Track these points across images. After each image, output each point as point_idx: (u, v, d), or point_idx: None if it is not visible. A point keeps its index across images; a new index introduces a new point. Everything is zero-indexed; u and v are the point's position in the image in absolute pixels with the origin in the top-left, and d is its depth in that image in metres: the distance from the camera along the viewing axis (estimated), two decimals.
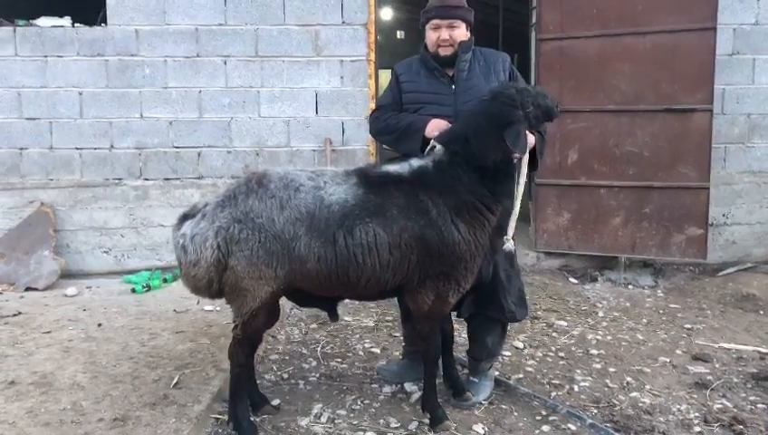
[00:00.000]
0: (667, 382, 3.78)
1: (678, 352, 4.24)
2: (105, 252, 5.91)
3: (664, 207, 5.64)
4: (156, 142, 5.83)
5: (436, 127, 3.32)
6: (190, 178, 5.87)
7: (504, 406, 3.52)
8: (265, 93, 5.82)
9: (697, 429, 3.25)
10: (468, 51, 3.45)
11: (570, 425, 3.30)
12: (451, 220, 3.07)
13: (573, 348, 4.31)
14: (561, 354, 4.21)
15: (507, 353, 4.18)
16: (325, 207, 3.03)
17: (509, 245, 3.25)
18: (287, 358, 4.18)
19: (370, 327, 4.73)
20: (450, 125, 3.30)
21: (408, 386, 3.74)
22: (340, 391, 3.71)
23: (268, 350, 4.30)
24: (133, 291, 5.39)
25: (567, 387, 3.74)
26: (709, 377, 3.84)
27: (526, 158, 3.18)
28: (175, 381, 3.63)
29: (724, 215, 6.11)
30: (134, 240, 5.92)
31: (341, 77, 5.84)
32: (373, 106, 5.84)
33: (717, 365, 4.02)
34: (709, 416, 3.35)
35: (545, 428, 3.28)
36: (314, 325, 4.76)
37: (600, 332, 4.60)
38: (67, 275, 5.70)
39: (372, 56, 5.85)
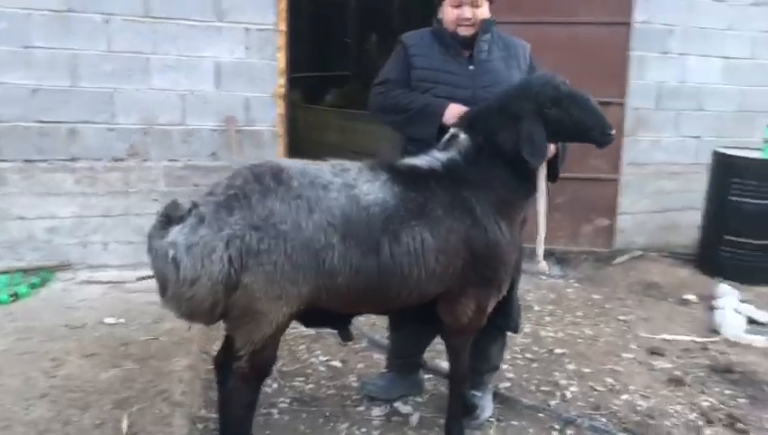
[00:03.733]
0: (645, 381, 3.76)
1: (633, 346, 4.26)
2: None
3: (575, 198, 5.71)
4: (15, 115, 4.68)
5: (456, 113, 2.92)
6: (60, 159, 4.81)
7: (514, 422, 3.24)
8: (157, 61, 4.91)
9: (708, 432, 3.24)
10: (488, 31, 3.07)
11: None
12: (495, 220, 2.72)
13: (535, 348, 4.15)
14: (529, 356, 4.03)
15: None
16: (363, 208, 2.52)
17: (542, 265, 3.00)
18: None
19: (312, 336, 4.18)
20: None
21: (401, 406, 3.32)
22: (326, 419, 3.20)
23: (211, 371, 3.60)
24: None
25: (558, 393, 3.56)
26: (676, 372, 3.88)
27: (543, 169, 2.86)
28: (126, 426, 2.86)
29: None
30: None
31: (246, 47, 5.11)
32: (282, 82, 5.25)
33: (675, 358, 4.09)
34: (708, 416, 3.36)
35: None
36: None
37: (548, 328, 4.49)
38: None
39: (283, 26, 5.19)
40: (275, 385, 3.50)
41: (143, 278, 4.80)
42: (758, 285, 5.64)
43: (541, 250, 2.97)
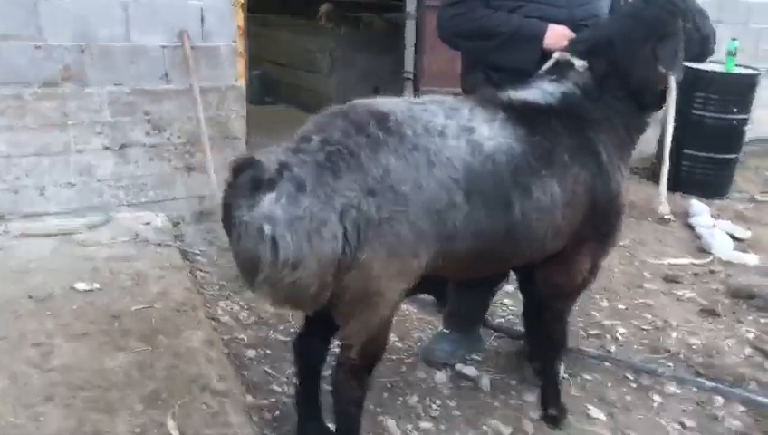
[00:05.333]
0: (681, 314, 3.65)
1: (647, 275, 4.14)
2: None
3: None
4: None
5: (561, 36, 2.47)
6: None
7: (587, 376, 3.02)
8: None
9: None
10: None
11: (671, 387, 2.95)
12: (618, 165, 2.37)
13: None
14: None
15: (508, 303, 3.60)
16: (487, 157, 2.07)
17: (665, 207, 2.70)
18: (269, 352, 3.04)
19: None
20: (574, 34, 2.49)
21: (463, 368, 2.98)
22: (391, 392, 2.83)
23: (231, 343, 3.08)
24: None
25: (609, 336, 3.37)
26: (704, 301, 3.81)
27: (673, 86, 2.53)
28: (176, 433, 2.33)
29: None
30: None
31: None
32: None
33: (692, 286, 4.02)
34: (762, 349, 3.30)
35: (656, 398, 2.89)
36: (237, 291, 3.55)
37: None
38: None
39: None
40: None
41: (95, 226, 4.07)
42: (715, 198, 5.74)
43: (664, 190, 2.66)
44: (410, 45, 5.52)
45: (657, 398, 2.88)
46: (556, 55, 2.43)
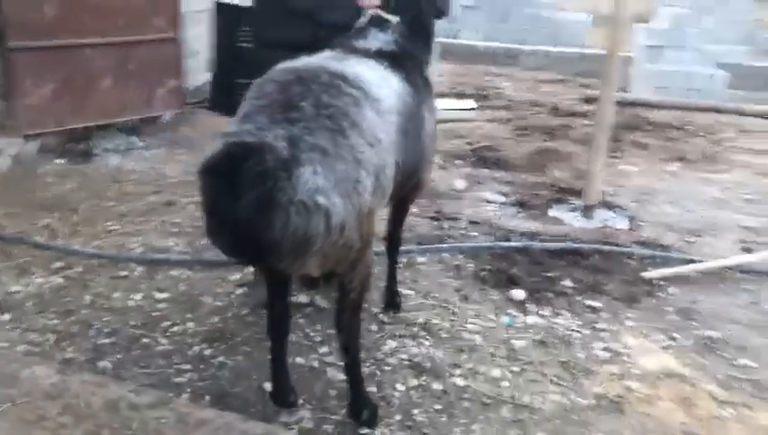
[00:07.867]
0: None
1: None
2: None
3: (144, 61, 5.40)
4: None
5: None
6: None
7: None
8: None
9: None
10: None
11: (420, 259, 3.87)
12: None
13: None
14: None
15: None
16: (403, 101, 2.53)
17: None
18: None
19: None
20: None
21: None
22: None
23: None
24: None
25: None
26: None
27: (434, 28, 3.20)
28: None
29: None
30: None
31: None
32: None
33: None
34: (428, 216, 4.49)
35: (423, 268, 3.75)
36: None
37: None
38: None
39: None
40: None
41: None
42: None
43: None
44: None
45: (423, 268, 3.76)
46: (371, 11, 2.88)
